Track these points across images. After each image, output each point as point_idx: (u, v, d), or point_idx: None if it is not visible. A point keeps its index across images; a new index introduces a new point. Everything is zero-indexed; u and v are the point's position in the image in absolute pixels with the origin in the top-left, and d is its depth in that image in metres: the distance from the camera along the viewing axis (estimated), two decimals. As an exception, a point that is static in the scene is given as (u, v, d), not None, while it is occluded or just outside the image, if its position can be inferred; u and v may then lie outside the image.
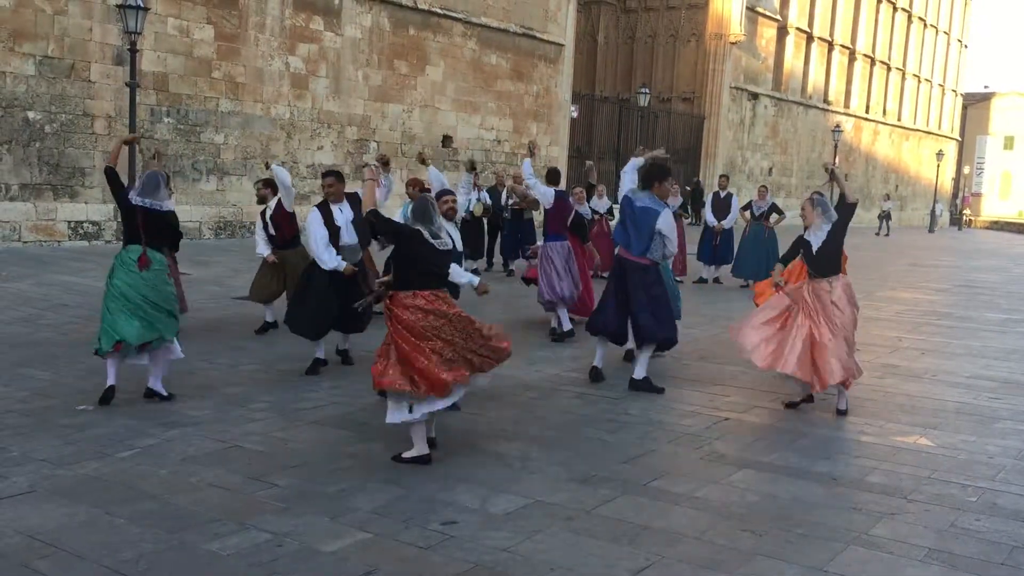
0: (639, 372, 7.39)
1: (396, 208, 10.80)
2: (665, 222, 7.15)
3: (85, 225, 16.37)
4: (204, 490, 4.80)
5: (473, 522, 4.48)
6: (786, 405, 7.06)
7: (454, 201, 6.99)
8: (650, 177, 7.35)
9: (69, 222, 16.17)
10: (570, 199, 10.20)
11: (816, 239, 6.90)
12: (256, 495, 4.75)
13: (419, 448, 5.33)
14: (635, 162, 7.70)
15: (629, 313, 7.28)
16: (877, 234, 36.87)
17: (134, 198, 6.43)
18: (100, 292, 11.51)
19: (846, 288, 6.89)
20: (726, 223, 15.50)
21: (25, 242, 15.48)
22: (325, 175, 7.68)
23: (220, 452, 5.42)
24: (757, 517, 4.70)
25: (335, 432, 5.94)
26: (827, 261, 6.90)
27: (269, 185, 9.04)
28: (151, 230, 6.44)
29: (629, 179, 7.55)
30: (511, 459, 5.49)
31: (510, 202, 15.33)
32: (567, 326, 9.47)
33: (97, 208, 16.49)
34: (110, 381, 6.37)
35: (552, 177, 10.01)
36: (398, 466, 5.27)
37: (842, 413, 6.88)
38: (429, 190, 9.72)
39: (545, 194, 9.61)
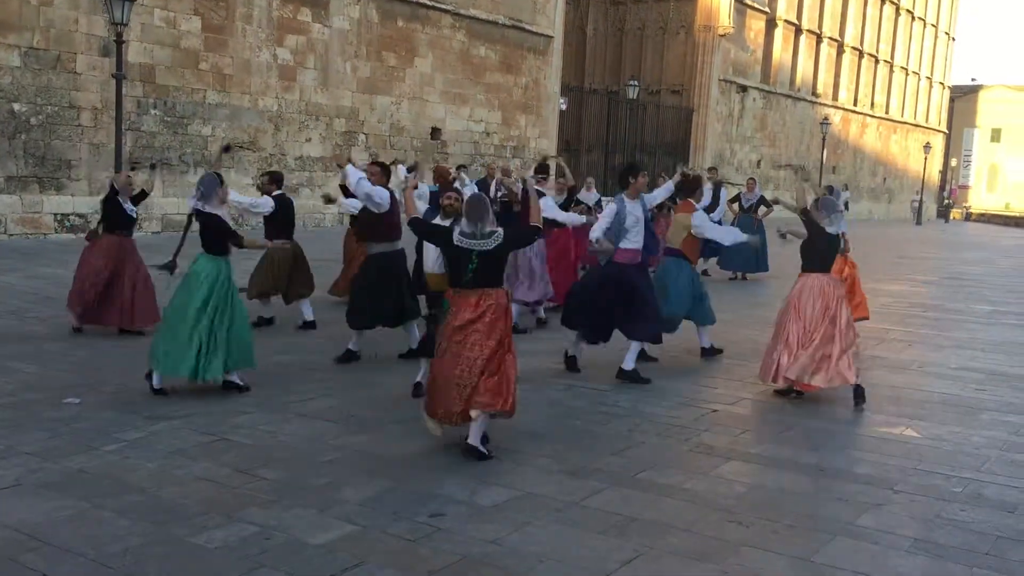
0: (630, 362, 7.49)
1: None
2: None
3: (72, 218, 16.28)
4: (191, 483, 4.79)
5: (462, 514, 4.48)
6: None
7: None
8: (623, 176, 7.66)
9: (55, 215, 16.09)
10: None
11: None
12: (244, 488, 4.73)
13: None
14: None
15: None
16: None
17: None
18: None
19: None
20: (714, 216, 15.50)
21: (11, 235, 15.39)
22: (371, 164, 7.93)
23: (208, 445, 5.41)
24: (744, 508, 4.72)
25: (323, 425, 5.93)
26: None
27: (274, 181, 9.17)
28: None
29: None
30: (500, 451, 5.49)
31: (499, 195, 15.29)
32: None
33: (84, 200, 16.39)
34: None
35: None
36: (387, 458, 5.27)
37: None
38: (453, 180, 9.87)
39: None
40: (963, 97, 72.94)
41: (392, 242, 7.61)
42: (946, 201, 59.48)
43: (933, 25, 56.84)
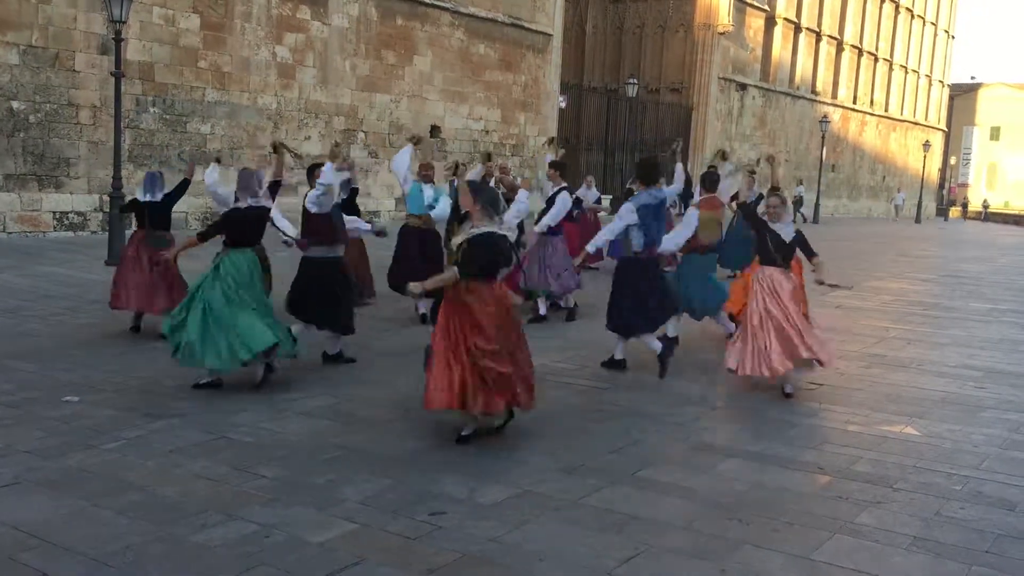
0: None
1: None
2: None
3: (70, 216, 16.27)
4: (191, 481, 4.78)
5: (461, 512, 4.48)
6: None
7: None
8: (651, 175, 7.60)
9: (54, 213, 16.07)
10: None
11: (787, 233, 7.02)
12: (243, 486, 4.73)
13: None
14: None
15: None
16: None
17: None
18: (85, 283, 11.46)
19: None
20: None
21: (10, 233, 15.38)
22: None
23: (207, 443, 5.40)
24: (744, 506, 4.72)
25: (323, 423, 5.92)
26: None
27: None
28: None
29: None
30: (499, 449, 5.49)
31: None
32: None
33: (82, 199, 16.39)
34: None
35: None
36: (387, 457, 5.27)
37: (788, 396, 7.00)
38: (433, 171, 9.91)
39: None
40: (963, 95, 72.94)
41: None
42: (963, 200, 59.47)
43: (932, 23, 56.80)
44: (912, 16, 53.54)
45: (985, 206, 61.20)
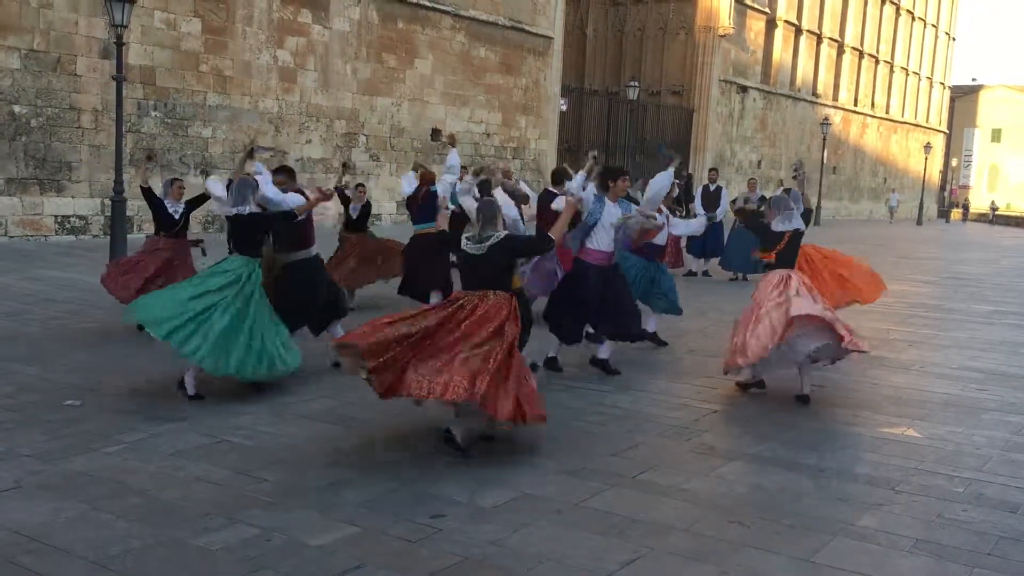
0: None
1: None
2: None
3: (72, 219, 16.29)
4: (192, 485, 4.78)
5: (462, 515, 4.48)
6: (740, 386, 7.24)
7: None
8: (604, 178, 7.51)
9: (56, 216, 16.09)
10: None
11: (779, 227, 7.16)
12: (244, 490, 4.73)
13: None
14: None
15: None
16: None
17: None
18: (87, 286, 11.46)
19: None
20: (717, 214, 15.54)
21: (11, 236, 15.40)
22: (276, 171, 7.40)
23: (208, 447, 5.40)
24: (745, 509, 4.71)
25: (323, 426, 5.93)
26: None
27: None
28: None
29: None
30: (499, 452, 5.48)
31: None
32: None
33: (84, 202, 16.41)
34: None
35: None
36: (387, 460, 5.27)
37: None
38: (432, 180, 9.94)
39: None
40: (964, 97, 72.97)
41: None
42: (963, 202, 59.36)
43: (933, 25, 56.84)
44: (913, 18, 53.58)
45: (993, 208, 60.78)
